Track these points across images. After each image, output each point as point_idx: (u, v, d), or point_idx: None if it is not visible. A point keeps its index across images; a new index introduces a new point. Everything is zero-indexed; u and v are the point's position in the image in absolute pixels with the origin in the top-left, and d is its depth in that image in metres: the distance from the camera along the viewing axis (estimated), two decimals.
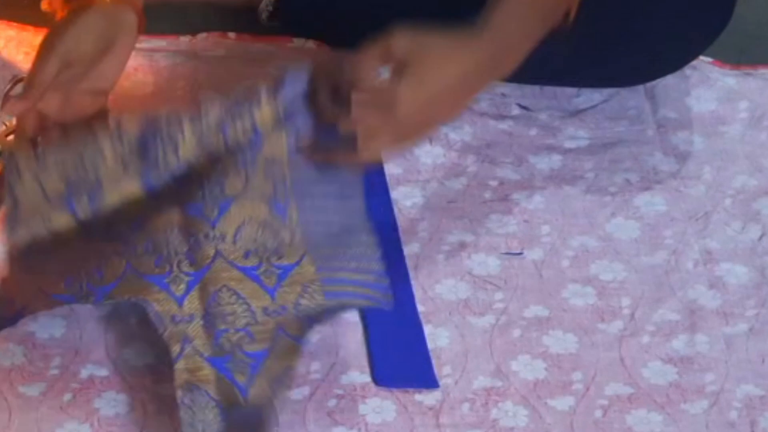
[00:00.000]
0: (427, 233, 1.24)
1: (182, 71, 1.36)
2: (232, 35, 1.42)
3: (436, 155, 1.31)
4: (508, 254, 1.23)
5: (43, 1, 1.33)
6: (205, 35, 1.41)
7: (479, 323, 1.17)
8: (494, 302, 1.19)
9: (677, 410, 1.13)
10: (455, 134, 1.33)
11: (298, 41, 1.43)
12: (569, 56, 1.16)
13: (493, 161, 1.32)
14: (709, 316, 1.20)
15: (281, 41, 1.43)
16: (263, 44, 1.42)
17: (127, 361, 1.10)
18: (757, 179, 1.34)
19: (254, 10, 1.46)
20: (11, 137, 1.19)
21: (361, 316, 1.16)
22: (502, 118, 1.36)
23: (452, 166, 1.30)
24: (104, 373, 1.09)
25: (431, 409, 1.10)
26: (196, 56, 1.38)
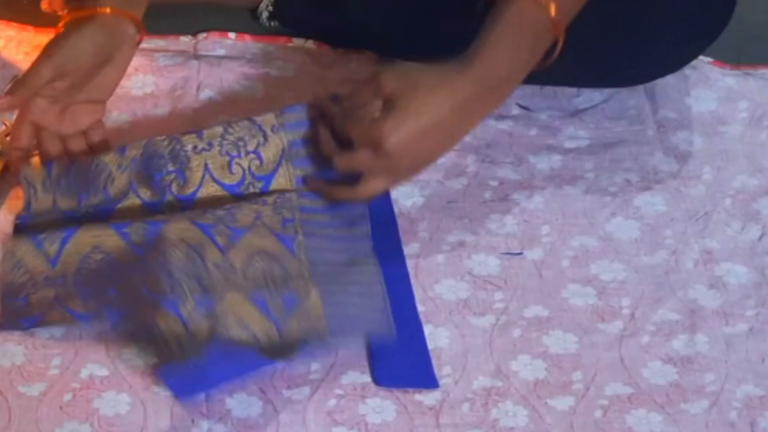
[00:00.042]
0: (427, 233, 1.24)
1: (182, 71, 1.36)
2: (232, 35, 1.42)
3: None
4: (508, 254, 1.23)
5: (43, 1, 1.33)
6: (205, 35, 1.41)
7: (479, 323, 1.17)
8: (494, 302, 1.19)
9: (677, 410, 1.13)
10: None
11: (298, 41, 1.43)
12: (569, 56, 1.16)
13: (493, 161, 1.32)
14: (709, 316, 1.20)
15: (281, 41, 1.43)
16: (263, 44, 1.42)
17: (127, 361, 1.10)
18: (757, 179, 1.34)
19: (254, 10, 1.46)
20: (10, 138, 1.20)
21: None
22: (502, 118, 1.36)
23: (452, 166, 1.30)
24: (104, 373, 1.09)
25: (431, 409, 1.10)
26: (196, 56, 1.38)
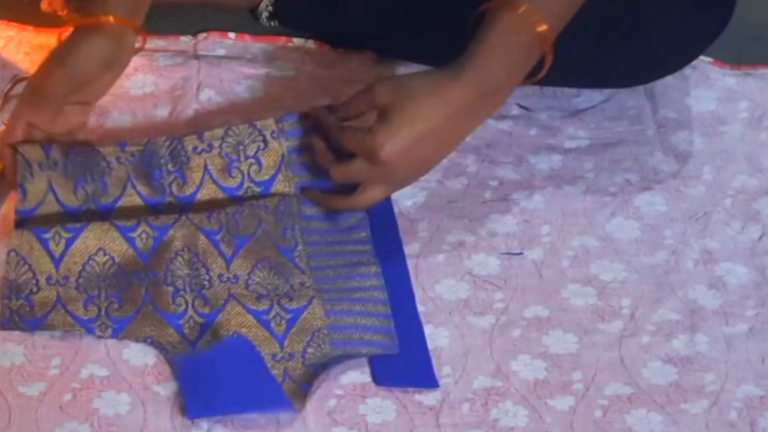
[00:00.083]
0: (427, 233, 1.24)
1: (182, 71, 1.36)
2: (232, 35, 1.42)
3: None
4: (508, 254, 1.23)
5: (43, 1, 1.33)
6: (205, 35, 1.41)
7: (479, 323, 1.17)
8: (494, 302, 1.19)
9: (677, 410, 1.12)
10: None
11: (298, 41, 1.43)
12: (569, 56, 1.16)
13: (493, 161, 1.32)
14: (709, 316, 1.20)
15: (281, 41, 1.43)
16: (263, 44, 1.42)
17: (127, 361, 1.10)
18: (757, 179, 1.34)
19: (254, 10, 1.46)
20: (2, 132, 1.20)
21: None
22: (502, 118, 1.36)
23: (452, 166, 1.30)
24: (104, 373, 1.09)
25: (431, 409, 1.10)
26: (196, 56, 1.38)
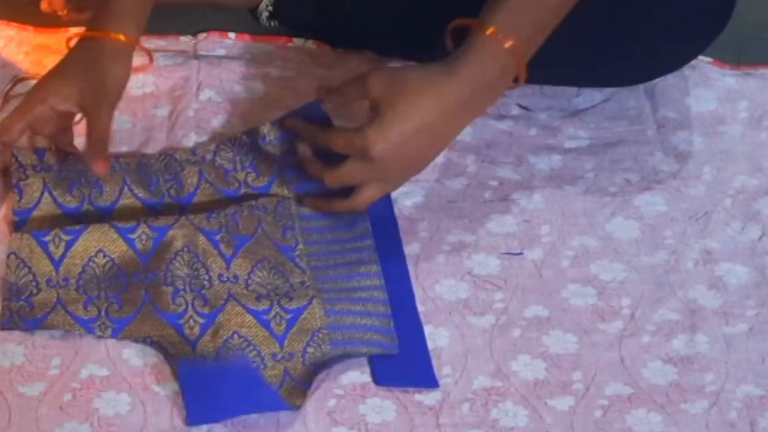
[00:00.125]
0: (427, 233, 1.24)
1: (182, 71, 1.36)
2: (232, 35, 1.42)
3: None
4: (508, 254, 1.23)
5: (43, 1, 1.33)
6: (205, 35, 1.41)
7: (479, 323, 1.17)
8: (494, 302, 1.19)
9: (677, 410, 1.13)
10: None
11: (298, 41, 1.43)
12: (569, 56, 1.16)
13: (493, 161, 1.32)
14: (709, 316, 1.20)
15: (281, 41, 1.43)
16: (263, 44, 1.42)
17: (127, 361, 1.10)
18: (757, 179, 1.34)
19: (254, 10, 1.46)
20: None
21: None
22: (502, 118, 1.36)
23: (452, 166, 1.30)
24: (104, 373, 1.09)
25: (431, 409, 1.10)
26: (196, 56, 1.38)
